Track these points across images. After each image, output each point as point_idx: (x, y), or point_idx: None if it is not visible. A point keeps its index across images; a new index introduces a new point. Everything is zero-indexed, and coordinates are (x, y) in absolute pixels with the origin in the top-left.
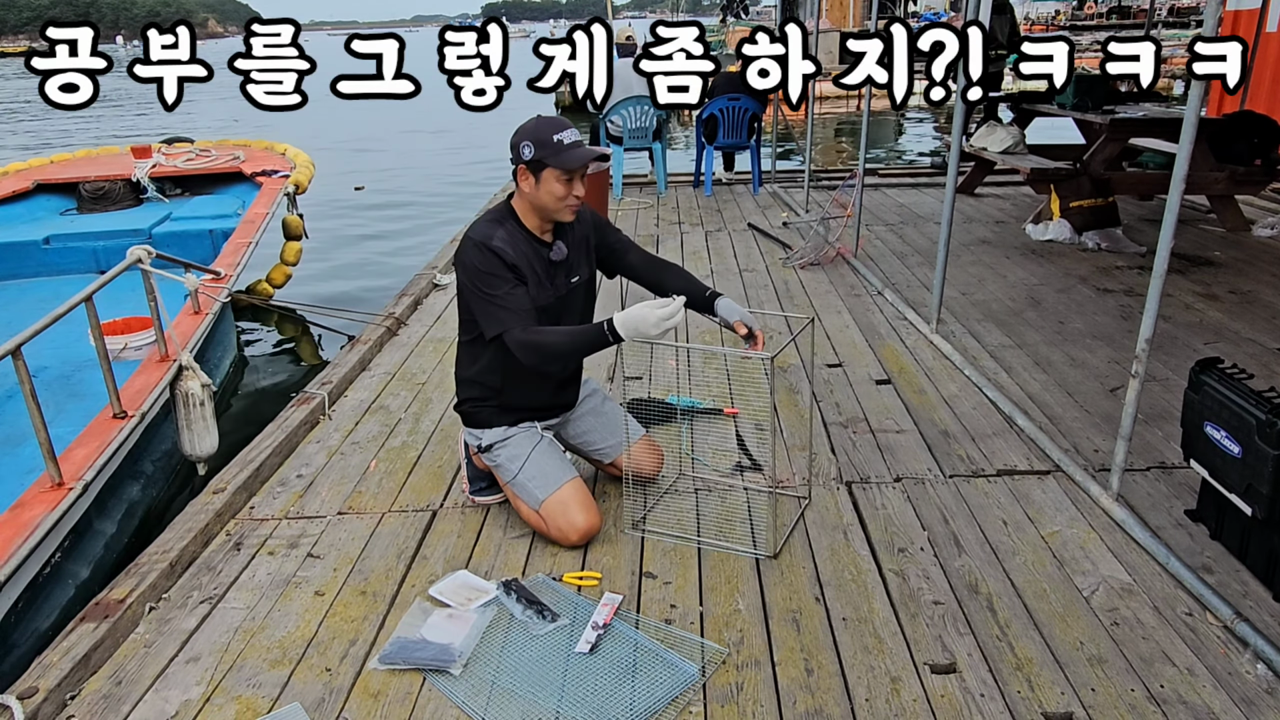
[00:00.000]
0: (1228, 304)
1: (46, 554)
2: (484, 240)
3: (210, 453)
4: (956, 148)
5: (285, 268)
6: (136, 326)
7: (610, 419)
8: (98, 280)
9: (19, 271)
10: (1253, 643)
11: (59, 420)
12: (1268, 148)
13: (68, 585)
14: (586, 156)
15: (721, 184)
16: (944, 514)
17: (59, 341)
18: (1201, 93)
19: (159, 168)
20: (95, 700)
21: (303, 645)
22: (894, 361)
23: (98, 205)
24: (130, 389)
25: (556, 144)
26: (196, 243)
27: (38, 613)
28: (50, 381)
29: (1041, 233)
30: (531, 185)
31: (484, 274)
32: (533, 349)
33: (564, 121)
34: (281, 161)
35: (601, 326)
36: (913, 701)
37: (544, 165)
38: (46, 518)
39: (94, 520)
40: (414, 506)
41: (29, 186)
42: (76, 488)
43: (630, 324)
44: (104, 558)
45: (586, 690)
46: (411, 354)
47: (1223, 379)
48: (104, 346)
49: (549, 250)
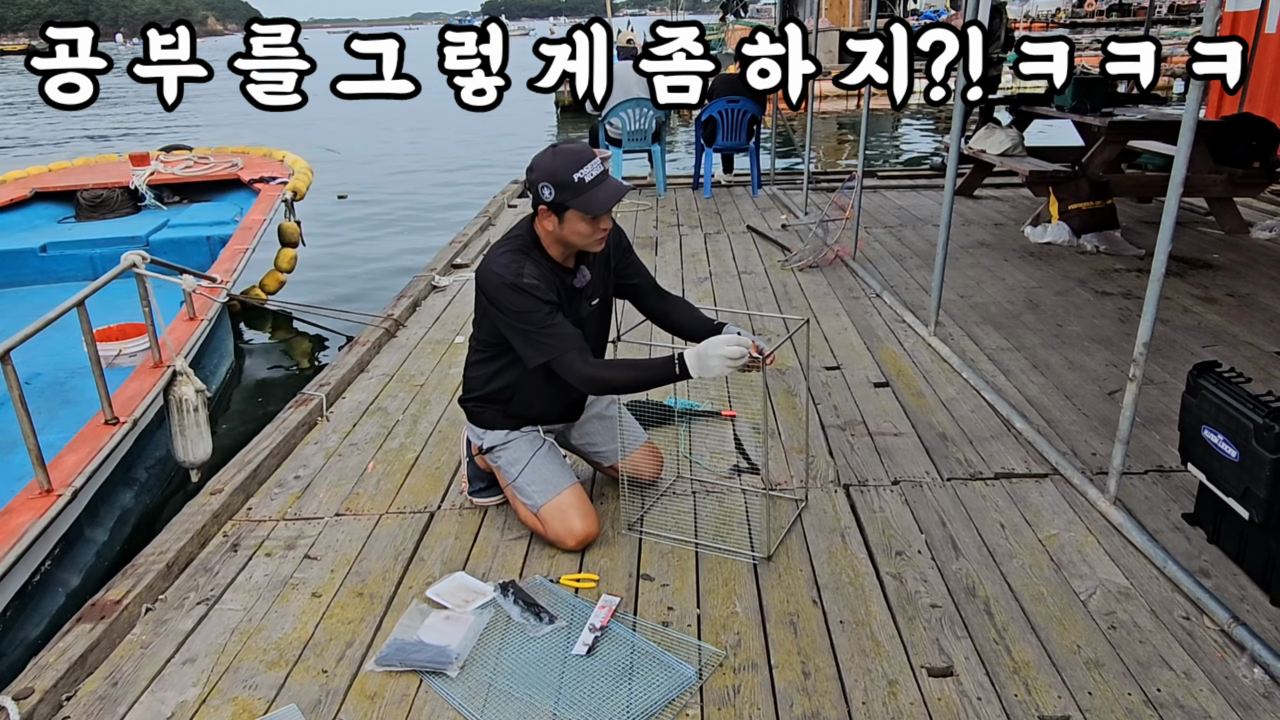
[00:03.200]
0: (1226, 307)
1: (36, 561)
2: (515, 281)
3: (204, 459)
4: (955, 150)
5: (279, 274)
6: (132, 332)
7: (614, 423)
8: (89, 286)
9: (16, 279)
10: (1250, 646)
11: (51, 427)
12: (1266, 150)
13: (58, 593)
14: (614, 197)
15: (720, 186)
16: (942, 517)
17: (54, 348)
18: (1200, 94)
19: (157, 175)
20: (91, 701)
21: (299, 647)
22: (892, 364)
23: (95, 213)
24: (123, 395)
25: (578, 184)
26: (194, 249)
27: (27, 621)
28: (44, 388)
29: (1040, 235)
30: (554, 224)
31: (520, 312)
32: (597, 383)
33: (585, 153)
34: (280, 168)
35: (671, 362)
36: (910, 705)
37: (566, 207)
38: (34, 525)
39: (85, 527)
40: (412, 508)
41: (27, 195)
42: (65, 494)
43: (699, 361)
44: (95, 565)
45: (583, 692)
46: (410, 356)
47: (1220, 383)
48: (96, 352)
49: (572, 278)
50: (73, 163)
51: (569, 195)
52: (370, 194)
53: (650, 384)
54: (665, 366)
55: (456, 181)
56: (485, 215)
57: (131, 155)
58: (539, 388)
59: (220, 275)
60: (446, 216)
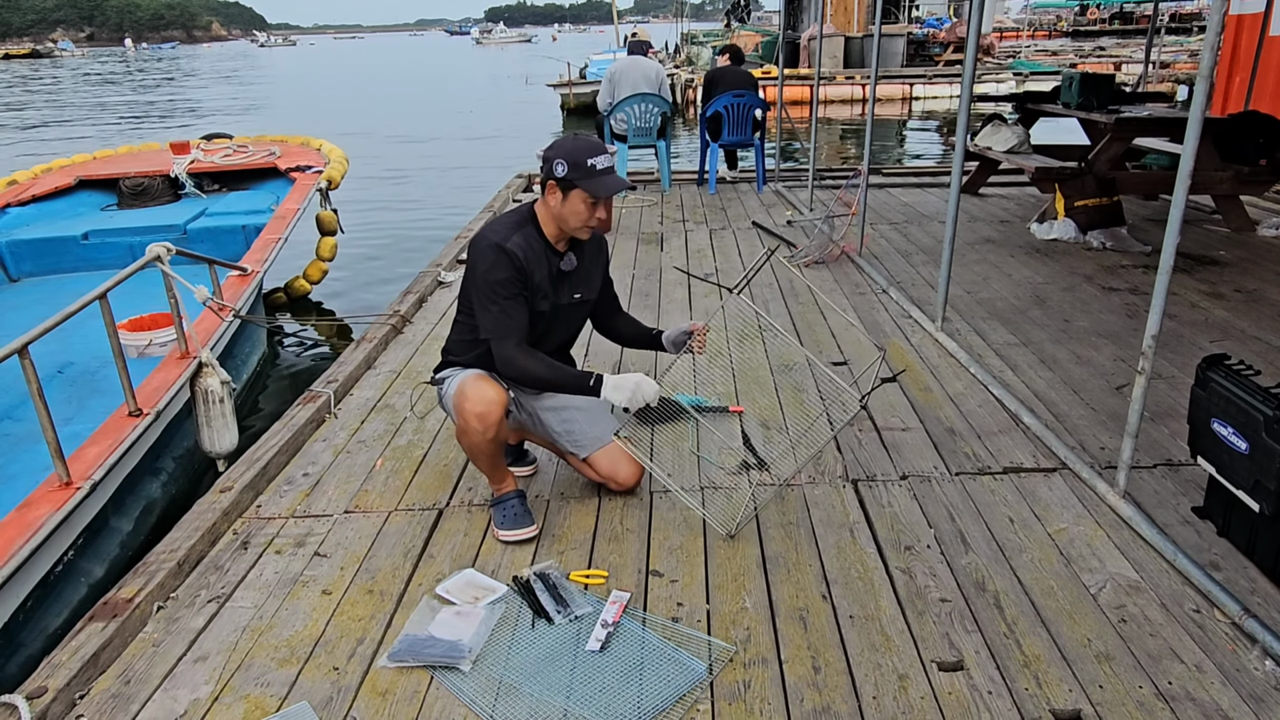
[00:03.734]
0: (1233, 302)
1: (56, 553)
2: (500, 241)
3: (230, 449)
4: (961, 147)
5: (321, 263)
6: (164, 322)
7: (595, 414)
8: (113, 277)
9: (59, 266)
10: (1261, 639)
11: (80, 416)
12: (1273, 148)
13: (80, 584)
14: (616, 186)
15: (725, 182)
16: (950, 511)
17: (89, 335)
18: (1206, 92)
19: (197, 163)
20: (104, 699)
21: (310, 644)
22: (899, 359)
23: (137, 201)
24: (148, 386)
25: (589, 168)
26: (230, 238)
27: (48, 611)
28: (76, 377)
29: (1046, 231)
30: (558, 200)
31: (493, 276)
32: (512, 366)
33: (600, 146)
34: (316, 157)
35: (587, 380)
36: (920, 699)
37: (573, 186)
38: (51, 518)
39: (110, 518)
40: (420, 505)
41: (71, 182)
42: (84, 487)
43: (620, 389)
44: (119, 556)
45: (594, 688)
46: (417, 352)
47: (1230, 375)
48: (119, 344)
49: (560, 260)
50: (116, 151)
51: (579, 175)
52: (369, 193)
53: (562, 389)
54: (582, 381)
55: (455, 183)
56: (490, 210)
57: (172, 144)
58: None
59: (251, 265)
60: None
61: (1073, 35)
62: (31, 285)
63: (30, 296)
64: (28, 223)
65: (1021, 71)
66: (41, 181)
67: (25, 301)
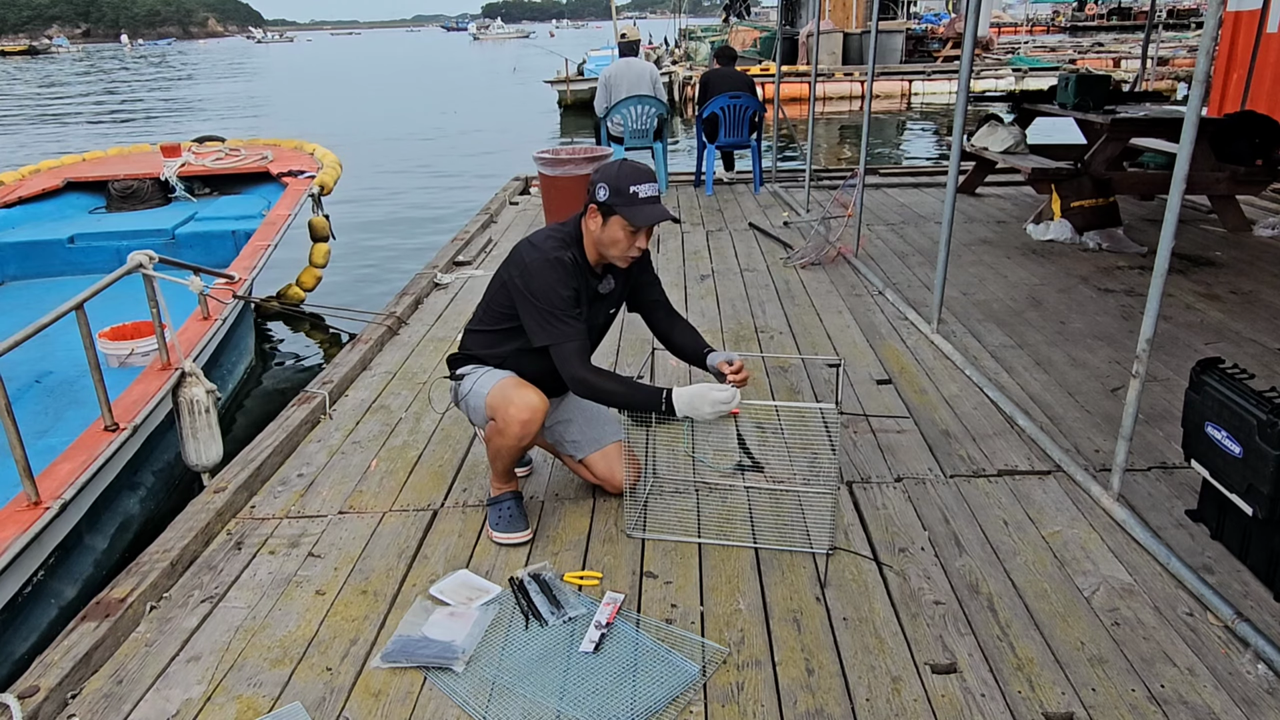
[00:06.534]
0: (1229, 304)
1: (24, 576)
2: (558, 256)
3: (214, 463)
4: (957, 147)
5: (315, 270)
6: (147, 331)
7: (594, 415)
8: (91, 286)
9: (44, 270)
10: (1253, 643)
11: (56, 429)
12: (1269, 148)
13: (50, 605)
14: (657, 216)
15: (722, 183)
16: (945, 514)
17: (71, 343)
18: (1202, 92)
19: (188, 167)
20: (96, 699)
21: (304, 644)
22: (895, 361)
23: (126, 204)
24: (127, 399)
25: (631, 195)
26: (219, 243)
27: (15, 635)
28: (54, 386)
29: (1042, 232)
30: (598, 225)
31: (546, 289)
32: (587, 386)
33: (648, 173)
34: (309, 161)
35: (659, 396)
36: (913, 701)
37: (613, 211)
38: (16, 540)
39: (85, 535)
40: (415, 506)
41: (59, 184)
42: (54, 507)
43: (688, 402)
44: (94, 575)
45: (587, 689)
46: (412, 353)
47: (1224, 379)
48: (96, 357)
49: (599, 283)
50: (106, 153)
51: (619, 202)
52: (368, 196)
53: (634, 407)
54: (654, 396)
55: (451, 185)
56: (487, 213)
57: (163, 146)
58: (532, 372)
59: (238, 273)
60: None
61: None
62: (15, 290)
63: (13, 301)
64: (13, 225)
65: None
66: (29, 183)
67: (8, 306)
